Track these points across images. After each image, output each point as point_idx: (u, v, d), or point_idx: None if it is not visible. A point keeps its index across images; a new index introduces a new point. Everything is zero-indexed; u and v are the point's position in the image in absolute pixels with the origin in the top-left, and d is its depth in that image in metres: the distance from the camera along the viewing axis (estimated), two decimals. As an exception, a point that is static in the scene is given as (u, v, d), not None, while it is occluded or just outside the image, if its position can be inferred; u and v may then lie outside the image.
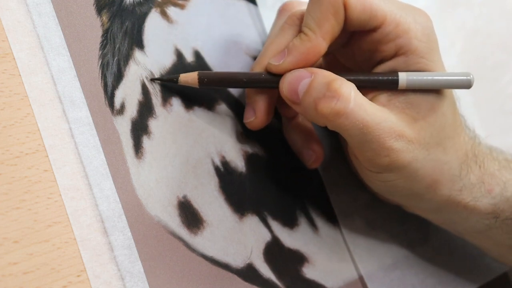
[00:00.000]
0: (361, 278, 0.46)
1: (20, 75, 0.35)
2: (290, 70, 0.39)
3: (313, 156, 0.44)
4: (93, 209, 0.35)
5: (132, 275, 0.36)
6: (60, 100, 0.36)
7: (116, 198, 0.36)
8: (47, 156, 0.35)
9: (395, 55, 0.40)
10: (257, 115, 0.41)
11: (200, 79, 0.40)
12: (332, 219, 0.46)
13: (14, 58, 0.35)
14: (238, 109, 0.44)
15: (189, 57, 0.42)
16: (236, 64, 0.45)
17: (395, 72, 0.40)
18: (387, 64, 0.41)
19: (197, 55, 0.43)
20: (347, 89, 0.37)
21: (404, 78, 0.39)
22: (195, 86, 0.40)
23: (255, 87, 0.41)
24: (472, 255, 0.51)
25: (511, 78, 0.60)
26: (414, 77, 0.39)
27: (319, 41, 0.39)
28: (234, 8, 0.46)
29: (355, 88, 0.38)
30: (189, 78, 0.40)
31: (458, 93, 0.43)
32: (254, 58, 0.46)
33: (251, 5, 0.47)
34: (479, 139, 0.44)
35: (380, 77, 0.40)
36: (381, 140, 0.38)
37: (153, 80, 0.40)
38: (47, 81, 0.36)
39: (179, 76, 0.40)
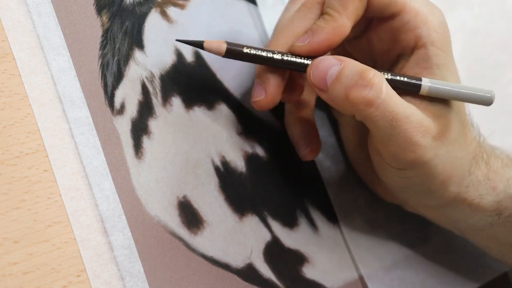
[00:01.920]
0: (361, 278, 0.46)
1: (20, 75, 0.35)
2: (316, 50, 0.39)
3: (309, 149, 0.44)
4: (93, 209, 0.35)
5: (132, 275, 0.36)
6: (60, 100, 0.36)
7: (116, 198, 0.36)
8: (47, 156, 0.35)
9: (414, 47, 0.40)
10: (267, 93, 0.40)
11: (227, 50, 0.39)
12: (332, 219, 0.46)
13: (14, 58, 0.35)
14: (238, 109, 0.44)
15: (189, 57, 0.42)
16: (236, 64, 0.45)
17: (418, 77, 0.40)
18: (409, 61, 0.41)
19: (197, 55, 0.43)
20: (380, 79, 0.37)
21: (427, 84, 0.39)
22: (220, 55, 0.39)
23: (280, 67, 0.40)
24: (472, 255, 0.51)
25: (511, 78, 0.59)
26: (437, 86, 0.40)
27: (344, 21, 0.39)
28: (234, 8, 0.46)
29: (385, 80, 0.38)
30: (215, 45, 0.39)
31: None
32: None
33: (251, 5, 0.47)
34: (483, 136, 0.44)
35: (404, 79, 0.40)
36: (409, 134, 0.38)
37: (178, 40, 0.39)
38: (47, 81, 0.36)
39: (203, 41, 0.39)
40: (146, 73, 0.40)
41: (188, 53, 0.42)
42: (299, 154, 0.44)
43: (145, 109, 0.39)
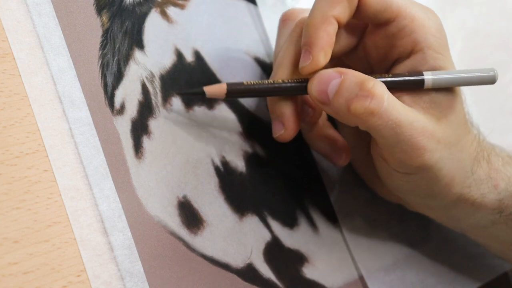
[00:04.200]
0: (361, 278, 0.46)
1: (20, 75, 0.35)
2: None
3: (343, 155, 0.44)
4: (93, 209, 0.35)
5: (132, 275, 0.36)
6: (60, 100, 0.36)
7: (116, 198, 0.36)
8: (47, 156, 0.35)
9: (411, 52, 0.40)
10: (286, 127, 0.41)
11: (228, 92, 0.39)
12: (332, 219, 0.46)
13: (14, 58, 0.35)
14: (238, 109, 0.44)
15: (189, 57, 0.42)
16: (236, 64, 0.45)
17: (419, 72, 0.40)
18: (405, 64, 0.41)
19: (197, 55, 0.43)
20: (380, 88, 0.37)
21: (430, 77, 0.39)
22: (221, 98, 0.39)
23: (283, 95, 0.40)
24: (472, 255, 0.51)
25: (511, 78, 0.60)
26: (440, 76, 0.39)
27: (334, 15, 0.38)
28: (234, 8, 0.46)
29: (386, 88, 0.38)
30: (216, 88, 0.39)
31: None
32: (254, 58, 0.46)
33: (251, 5, 0.47)
34: (483, 135, 0.44)
35: (406, 78, 0.40)
36: (414, 140, 0.38)
37: (179, 94, 0.40)
38: (47, 81, 0.36)
39: (203, 88, 0.39)
40: (146, 73, 0.40)
41: (188, 53, 0.42)
42: (335, 164, 0.45)
43: (145, 109, 0.39)
